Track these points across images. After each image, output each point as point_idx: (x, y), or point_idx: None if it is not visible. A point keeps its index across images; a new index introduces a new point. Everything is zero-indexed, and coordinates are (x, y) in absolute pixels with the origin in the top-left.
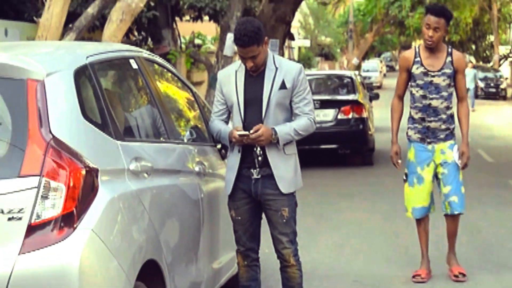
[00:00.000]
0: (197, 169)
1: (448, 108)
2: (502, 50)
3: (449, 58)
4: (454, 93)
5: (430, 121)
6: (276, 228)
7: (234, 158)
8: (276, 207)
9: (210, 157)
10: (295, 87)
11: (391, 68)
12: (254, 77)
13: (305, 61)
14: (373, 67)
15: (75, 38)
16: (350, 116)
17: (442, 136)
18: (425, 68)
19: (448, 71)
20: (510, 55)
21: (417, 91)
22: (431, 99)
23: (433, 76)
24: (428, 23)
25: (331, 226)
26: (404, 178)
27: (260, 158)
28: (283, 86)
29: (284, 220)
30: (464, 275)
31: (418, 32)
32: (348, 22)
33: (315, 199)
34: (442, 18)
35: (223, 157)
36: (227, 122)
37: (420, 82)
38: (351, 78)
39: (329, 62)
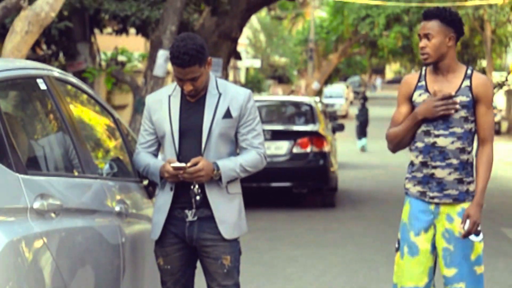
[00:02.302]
0: (117, 208)
1: (463, 151)
2: (497, 76)
3: (466, 82)
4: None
5: (435, 167)
6: (214, 279)
7: (165, 197)
8: (215, 254)
9: (134, 195)
10: (242, 116)
11: (358, 95)
12: (192, 104)
13: (254, 84)
14: (338, 93)
15: None
16: (308, 149)
17: (453, 193)
18: (430, 95)
19: (464, 99)
20: (506, 83)
21: (418, 126)
22: (437, 136)
23: None
24: (419, 33)
25: (283, 278)
26: (396, 245)
27: (198, 198)
28: (228, 114)
29: (225, 270)
30: None
31: (393, 54)
32: (308, 41)
33: (263, 245)
34: (435, 19)
35: (151, 196)
36: (156, 155)
37: None
38: (310, 105)
39: (283, 86)
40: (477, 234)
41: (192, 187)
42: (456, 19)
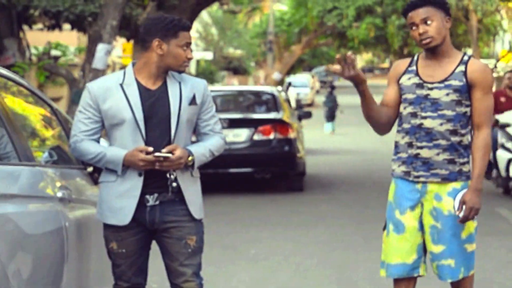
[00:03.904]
0: (59, 194)
1: (454, 133)
2: None
3: (461, 68)
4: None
5: (421, 147)
6: (176, 259)
7: (130, 183)
8: (179, 235)
9: (77, 182)
10: (204, 103)
11: (325, 84)
12: (153, 91)
13: (206, 75)
14: (302, 83)
15: None
16: (271, 136)
17: (442, 172)
18: (420, 79)
19: (456, 83)
20: (495, 69)
21: (404, 108)
22: (424, 117)
23: (431, 89)
24: (412, 21)
25: (248, 259)
26: (384, 225)
27: (174, 184)
28: (193, 101)
29: (190, 250)
30: None
31: (365, 45)
32: (266, 33)
33: (223, 228)
34: (426, 6)
35: (96, 182)
36: (98, 143)
37: (409, 96)
38: (272, 94)
39: (239, 77)
40: None
41: (168, 174)
42: (445, 2)
